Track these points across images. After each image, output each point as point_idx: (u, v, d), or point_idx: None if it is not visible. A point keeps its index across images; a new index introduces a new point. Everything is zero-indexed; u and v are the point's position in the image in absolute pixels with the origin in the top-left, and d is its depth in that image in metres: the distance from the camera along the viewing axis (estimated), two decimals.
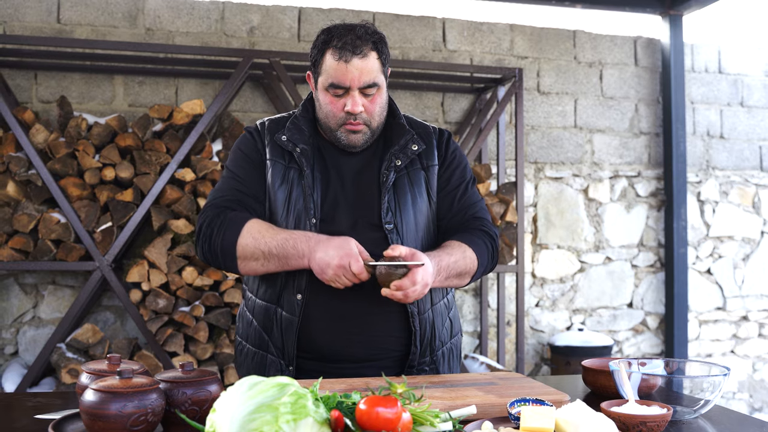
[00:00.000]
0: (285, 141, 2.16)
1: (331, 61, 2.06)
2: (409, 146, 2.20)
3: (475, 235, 2.19)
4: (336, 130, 2.13)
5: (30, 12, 4.68)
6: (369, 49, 2.06)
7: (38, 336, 4.67)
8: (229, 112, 4.81)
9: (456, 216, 2.24)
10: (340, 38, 2.05)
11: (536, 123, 5.59)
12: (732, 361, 6.03)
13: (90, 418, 1.36)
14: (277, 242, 2.01)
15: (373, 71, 2.07)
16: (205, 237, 2.10)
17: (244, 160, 2.20)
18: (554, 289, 5.64)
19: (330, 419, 1.25)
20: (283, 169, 2.15)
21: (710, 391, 1.69)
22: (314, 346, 2.10)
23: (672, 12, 5.71)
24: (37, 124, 4.29)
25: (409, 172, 2.19)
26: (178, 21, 4.90)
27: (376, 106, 2.13)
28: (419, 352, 2.15)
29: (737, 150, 6.07)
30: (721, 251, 6.03)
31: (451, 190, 2.25)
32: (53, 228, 4.21)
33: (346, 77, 2.05)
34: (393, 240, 2.11)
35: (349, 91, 2.07)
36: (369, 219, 2.13)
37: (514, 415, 1.47)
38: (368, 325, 2.07)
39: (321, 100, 2.13)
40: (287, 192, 2.13)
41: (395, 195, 2.15)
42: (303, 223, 2.09)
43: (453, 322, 2.32)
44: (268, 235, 2.02)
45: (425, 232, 2.20)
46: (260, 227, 2.05)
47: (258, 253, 2.02)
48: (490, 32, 5.51)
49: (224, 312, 4.41)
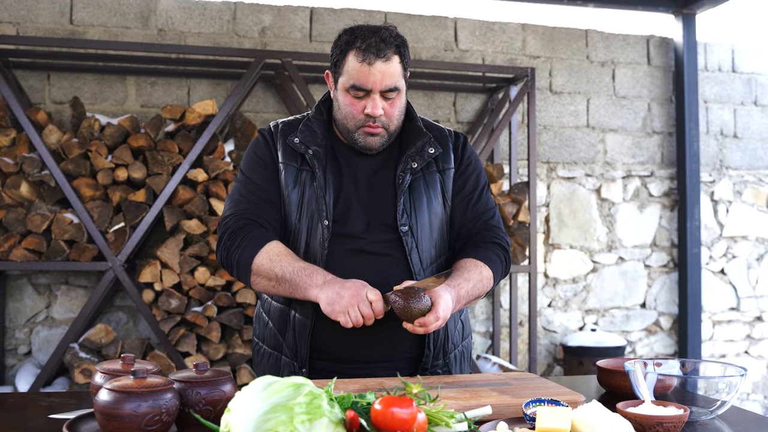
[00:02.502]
0: (297, 143, 2.16)
1: (353, 63, 2.05)
2: (425, 149, 2.19)
3: (490, 250, 2.19)
4: (354, 132, 2.13)
5: (43, 13, 4.70)
6: (392, 53, 2.05)
7: (51, 336, 4.68)
8: (241, 113, 4.82)
9: (470, 222, 2.23)
10: (364, 40, 2.04)
11: (548, 123, 5.57)
12: (746, 361, 5.99)
13: (104, 418, 1.36)
14: (293, 269, 2.00)
15: (395, 75, 2.07)
16: (225, 247, 2.12)
17: (258, 164, 2.20)
18: (567, 289, 5.62)
19: (345, 419, 1.24)
20: (295, 171, 2.15)
21: (726, 392, 1.67)
22: (327, 347, 2.10)
23: (685, 11, 5.68)
24: (50, 124, 4.30)
25: (425, 174, 2.19)
26: (190, 22, 4.91)
27: (395, 109, 2.12)
28: (432, 354, 2.14)
29: (751, 149, 6.04)
30: (735, 251, 6.00)
31: (466, 195, 2.24)
32: (66, 228, 4.22)
33: (368, 80, 2.04)
34: (407, 242, 2.10)
35: (370, 93, 2.06)
36: (383, 220, 2.12)
37: (530, 415, 1.46)
38: (381, 327, 2.06)
39: (341, 100, 2.12)
40: (300, 194, 2.13)
41: (410, 197, 2.15)
42: (316, 224, 2.09)
43: (464, 325, 2.32)
44: (285, 260, 2.02)
45: (439, 234, 2.20)
46: (279, 250, 2.05)
47: (271, 274, 2.02)
48: (502, 32, 5.49)
49: (236, 312, 4.41)
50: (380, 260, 2.10)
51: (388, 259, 2.11)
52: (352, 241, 2.11)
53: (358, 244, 2.11)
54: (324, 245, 2.08)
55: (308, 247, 2.11)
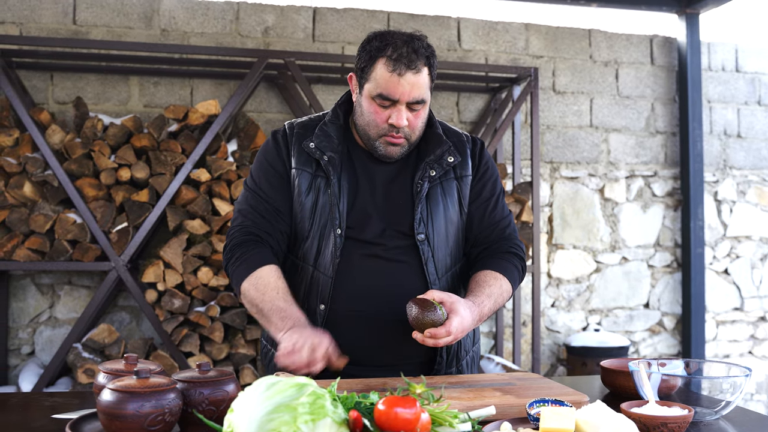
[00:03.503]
0: (313, 148, 2.12)
1: (383, 71, 2.01)
2: (445, 157, 2.16)
3: (508, 261, 2.17)
4: (375, 140, 2.09)
5: (46, 13, 4.70)
6: (423, 65, 2.02)
7: (54, 336, 4.69)
8: (244, 113, 4.82)
9: (486, 228, 2.22)
10: (396, 49, 2.00)
11: (552, 122, 5.56)
12: (750, 362, 5.98)
13: (107, 418, 1.36)
14: (270, 306, 1.98)
15: (423, 87, 2.03)
16: (227, 258, 2.12)
17: (268, 171, 2.17)
18: (570, 289, 5.61)
19: (348, 419, 1.24)
20: (310, 177, 2.12)
21: (731, 392, 1.67)
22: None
23: (689, 10, 5.67)
24: (53, 124, 4.31)
25: (442, 182, 2.16)
26: (193, 22, 4.91)
27: (419, 121, 2.09)
28: (445, 362, 2.14)
29: (755, 149, 6.03)
30: (739, 251, 5.99)
31: (483, 202, 2.23)
32: (69, 228, 4.22)
33: (396, 90, 2.00)
34: (423, 250, 2.09)
35: (396, 103, 2.03)
36: (399, 227, 2.11)
37: (533, 415, 1.46)
38: (391, 333, 2.05)
39: (364, 107, 2.08)
40: (314, 200, 2.10)
41: (428, 205, 2.12)
42: (329, 232, 2.07)
43: (474, 331, 2.31)
44: (269, 295, 1.99)
45: (455, 242, 2.18)
46: (268, 281, 2.02)
47: (253, 303, 2.02)
48: (505, 32, 5.49)
49: (239, 312, 4.41)
50: (395, 267, 2.08)
51: (403, 266, 2.09)
52: (367, 247, 2.09)
53: (373, 251, 2.09)
54: (336, 254, 2.06)
55: (320, 255, 2.09)
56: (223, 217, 4.39)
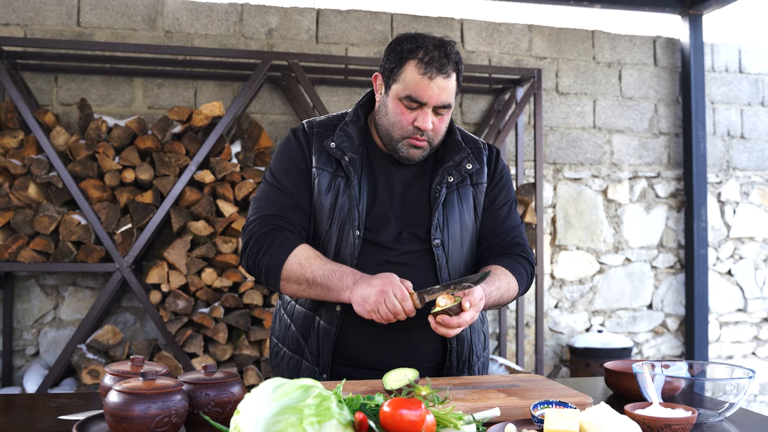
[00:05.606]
0: (334, 148, 2.12)
1: (413, 74, 2.01)
2: (463, 164, 2.17)
3: (519, 263, 2.19)
4: (398, 142, 2.09)
5: (50, 15, 4.72)
6: (452, 70, 2.03)
7: (59, 337, 4.70)
8: (248, 114, 4.83)
9: (499, 235, 2.23)
10: (428, 52, 2.01)
11: (555, 124, 5.56)
12: (753, 363, 5.98)
13: (114, 420, 1.37)
14: (324, 272, 1.98)
15: (451, 92, 2.05)
16: (251, 253, 2.08)
17: (289, 167, 2.16)
18: (573, 290, 5.61)
19: (354, 421, 1.25)
20: (330, 177, 2.12)
21: (734, 394, 1.67)
22: (349, 354, 2.10)
23: (692, 11, 5.67)
24: (57, 126, 4.32)
25: (459, 188, 2.17)
26: (197, 23, 4.92)
27: (443, 125, 2.11)
28: (455, 367, 2.14)
29: (758, 150, 6.02)
30: (742, 252, 5.98)
31: (496, 210, 2.24)
32: (74, 230, 4.24)
33: (425, 93, 2.01)
34: (438, 255, 2.10)
35: (424, 106, 2.03)
36: (415, 232, 2.12)
37: (538, 417, 1.46)
38: (405, 336, 2.06)
39: (390, 108, 2.08)
40: (333, 200, 2.10)
41: (444, 211, 2.13)
42: (347, 233, 2.07)
43: (485, 335, 2.32)
44: (315, 264, 2.00)
45: (469, 248, 2.20)
46: (309, 254, 2.02)
47: (302, 278, 2.00)
48: (508, 33, 5.49)
49: (243, 313, 4.42)
50: (409, 271, 2.08)
51: (417, 270, 2.10)
52: (383, 250, 2.09)
53: (388, 254, 2.09)
54: (354, 255, 2.06)
55: (338, 256, 2.09)
56: (227, 218, 4.40)
